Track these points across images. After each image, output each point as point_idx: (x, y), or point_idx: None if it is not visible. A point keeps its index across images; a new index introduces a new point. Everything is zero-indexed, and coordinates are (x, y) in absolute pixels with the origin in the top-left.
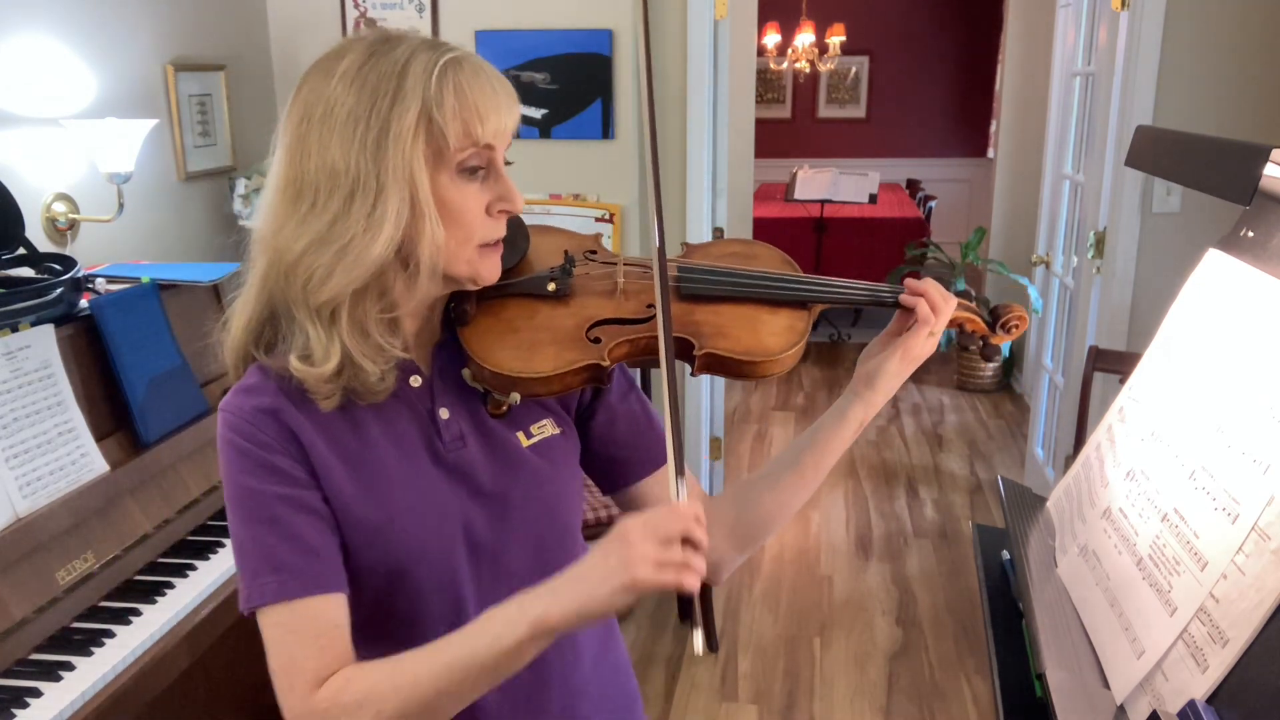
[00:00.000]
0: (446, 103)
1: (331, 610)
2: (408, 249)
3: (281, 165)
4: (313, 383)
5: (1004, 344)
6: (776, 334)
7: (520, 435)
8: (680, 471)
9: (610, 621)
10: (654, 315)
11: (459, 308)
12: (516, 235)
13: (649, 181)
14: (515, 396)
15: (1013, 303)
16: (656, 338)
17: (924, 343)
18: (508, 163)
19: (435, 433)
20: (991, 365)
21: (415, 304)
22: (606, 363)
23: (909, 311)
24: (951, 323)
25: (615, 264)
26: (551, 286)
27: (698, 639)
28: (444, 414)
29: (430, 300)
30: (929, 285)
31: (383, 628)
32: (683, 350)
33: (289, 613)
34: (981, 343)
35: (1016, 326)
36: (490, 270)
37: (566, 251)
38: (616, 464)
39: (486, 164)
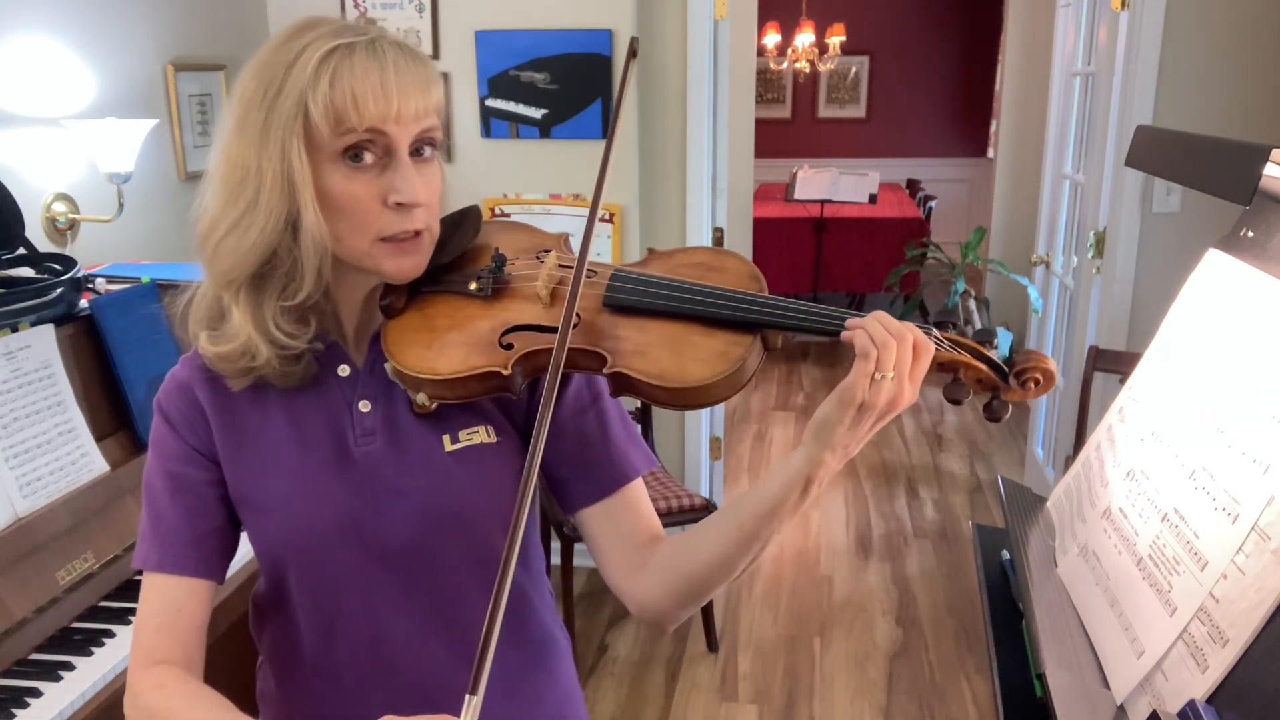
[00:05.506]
0: (320, 90)
1: (179, 593)
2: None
3: (211, 151)
4: (213, 361)
5: (1015, 402)
6: (703, 360)
7: (446, 438)
8: (474, 689)
9: (550, 652)
10: (577, 324)
11: (386, 301)
12: (467, 229)
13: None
14: (423, 396)
15: (1037, 351)
16: (575, 349)
17: (870, 387)
18: (438, 154)
19: (350, 424)
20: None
21: (344, 293)
22: (507, 371)
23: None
24: (944, 367)
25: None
26: (473, 286)
27: None
28: (363, 407)
29: (364, 292)
30: (874, 316)
31: (273, 608)
32: (597, 366)
33: (148, 582)
34: (990, 395)
35: (1038, 384)
36: (398, 266)
37: (496, 249)
38: (560, 484)
39: (383, 152)
